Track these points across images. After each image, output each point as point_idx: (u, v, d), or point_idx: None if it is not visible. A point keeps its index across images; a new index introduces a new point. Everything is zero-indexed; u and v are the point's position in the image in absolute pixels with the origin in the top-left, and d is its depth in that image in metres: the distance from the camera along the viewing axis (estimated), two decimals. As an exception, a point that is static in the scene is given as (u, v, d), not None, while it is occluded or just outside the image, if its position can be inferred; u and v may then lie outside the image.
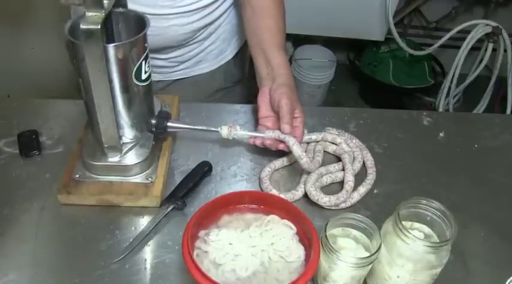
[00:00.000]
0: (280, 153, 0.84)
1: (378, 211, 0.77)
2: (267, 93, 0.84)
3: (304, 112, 0.83)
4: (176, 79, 1.08)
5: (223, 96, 1.13)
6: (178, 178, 0.79)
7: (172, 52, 1.01)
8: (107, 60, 0.65)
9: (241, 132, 0.81)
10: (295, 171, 0.84)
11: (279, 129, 0.80)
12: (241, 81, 1.18)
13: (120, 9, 0.72)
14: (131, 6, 0.73)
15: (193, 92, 1.06)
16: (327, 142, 0.88)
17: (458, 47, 2.09)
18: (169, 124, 0.79)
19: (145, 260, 0.69)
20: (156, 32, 0.93)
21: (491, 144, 0.94)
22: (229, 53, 1.10)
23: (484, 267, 0.71)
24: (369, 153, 0.87)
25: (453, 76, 2.16)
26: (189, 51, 1.03)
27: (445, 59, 2.43)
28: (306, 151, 0.85)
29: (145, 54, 0.70)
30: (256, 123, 0.88)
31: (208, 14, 0.98)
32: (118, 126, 0.73)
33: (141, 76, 0.71)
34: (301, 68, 2.29)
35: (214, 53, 1.07)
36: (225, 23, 1.04)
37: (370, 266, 0.62)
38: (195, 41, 1.01)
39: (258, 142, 0.81)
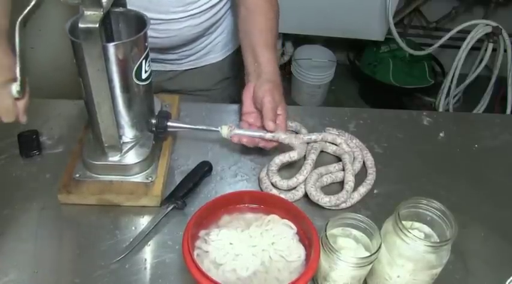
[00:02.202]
0: (280, 153, 0.84)
1: (378, 211, 0.77)
2: (251, 89, 0.84)
3: (287, 109, 0.83)
4: (185, 70, 1.11)
5: (229, 85, 1.17)
6: (178, 178, 0.79)
7: (182, 47, 1.05)
8: (107, 60, 0.65)
9: (242, 132, 0.81)
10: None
11: (262, 126, 0.80)
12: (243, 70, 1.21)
13: (120, 9, 0.72)
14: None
15: (201, 81, 1.11)
16: (327, 143, 0.88)
17: (458, 47, 2.09)
18: (169, 123, 0.79)
19: (146, 260, 0.69)
20: (169, 33, 0.98)
21: (491, 144, 0.94)
22: (234, 44, 1.14)
23: (484, 267, 0.71)
24: (369, 153, 0.87)
25: (453, 76, 2.16)
26: (198, 44, 1.06)
27: (445, 59, 2.43)
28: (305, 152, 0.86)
29: (145, 54, 0.70)
30: (239, 119, 0.87)
31: (218, 11, 1.02)
32: (118, 125, 0.73)
33: (141, 76, 0.71)
34: (301, 68, 2.29)
35: (221, 45, 1.11)
36: (230, 16, 1.08)
37: (370, 266, 0.61)
38: (204, 35, 1.05)
39: (235, 140, 0.81)
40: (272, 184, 0.79)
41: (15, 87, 0.68)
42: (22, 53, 0.66)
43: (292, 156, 0.80)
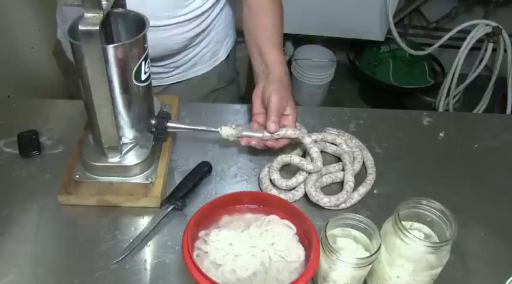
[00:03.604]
0: (280, 153, 0.84)
1: (378, 211, 0.77)
2: (260, 90, 0.84)
3: (296, 109, 0.83)
4: (172, 83, 1.08)
5: (218, 97, 1.14)
6: (178, 179, 0.79)
7: (168, 59, 1.02)
8: (107, 61, 0.65)
9: (241, 133, 0.81)
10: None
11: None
12: (233, 80, 1.19)
13: (120, 10, 0.72)
14: None
15: (188, 94, 1.06)
16: (327, 143, 0.88)
17: (458, 47, 2.09)
18: (169, 124, 0.79)
19: (145, 260, 0.69)
20: (155, 42, 0.92)
21: (491, 144, 0.94)
22: (222, 54, 1.11)
23: (484, 267, 0.71)
24: (369, 153, 0.87)
25: (453, 76, 2.15)
26: (184, 56, 1.03)
27: (445, 59, 2.43)
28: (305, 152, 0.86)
29: (144, 55, 0.70)
30: (250, 120, 0.88)
31: (204, 20, 0.98)
32: (118, 126, 0.73)
33: (140, 77, 0.71)
34: (301, 68, 2.29)
35: (208, 56, 1.08)
36: (217, 26, 1.05)
37: (370, 266, 0.61)
38: (190, 46, 1.02)
39: (244, 142, 0.81)
40: (271, 181, 0.79)
41: None
42: None
43: (293, 159, 0.80)
